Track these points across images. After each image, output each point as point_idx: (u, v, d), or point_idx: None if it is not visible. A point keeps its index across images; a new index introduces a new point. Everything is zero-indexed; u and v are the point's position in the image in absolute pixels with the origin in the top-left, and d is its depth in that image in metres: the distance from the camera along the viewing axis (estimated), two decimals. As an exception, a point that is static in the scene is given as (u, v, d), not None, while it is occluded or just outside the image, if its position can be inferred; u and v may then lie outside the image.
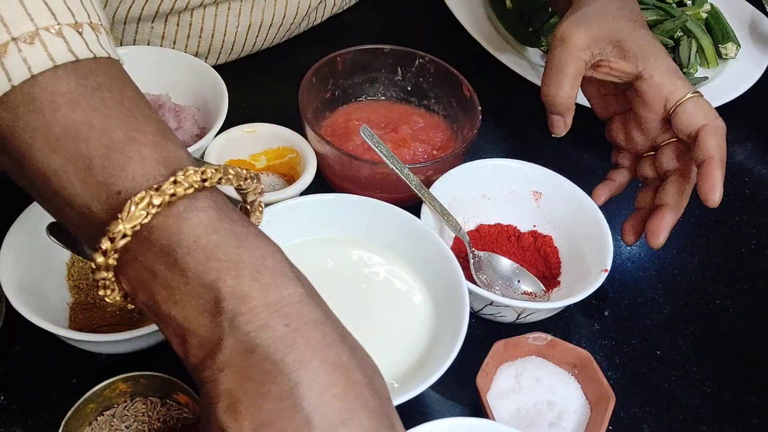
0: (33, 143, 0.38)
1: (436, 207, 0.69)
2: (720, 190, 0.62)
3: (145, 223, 0.37)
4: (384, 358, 0.60)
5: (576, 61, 0.67)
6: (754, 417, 0.67)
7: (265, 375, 0.36)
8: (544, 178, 0.74)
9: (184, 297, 0.37)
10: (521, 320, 0.67)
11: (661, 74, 0.65)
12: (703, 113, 0.64)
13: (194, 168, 0.39)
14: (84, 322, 0.63)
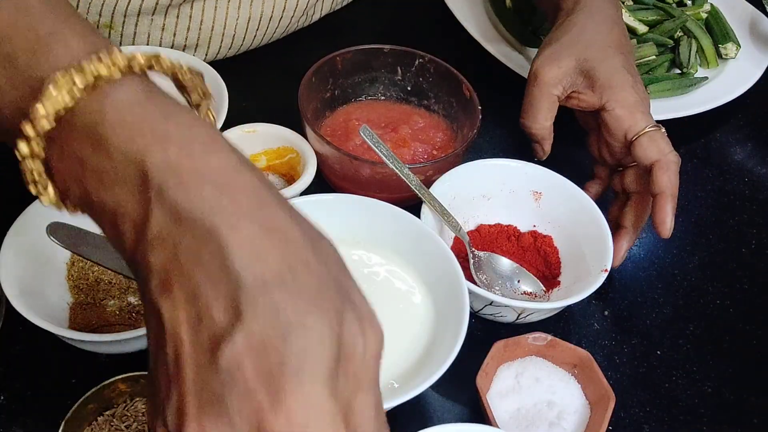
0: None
1: (436, 207, 0.69)
2: (669, 223, 0.66)
3: (68, 107, 0.36)
4: (384, 358, 0.61)
5: (548, 96, 0.72)
6: (754, 417, 0.67)
7: (195, 242, 0.34)
8: (544, 178, 0.74)
9: (112, 179, 0.35)
10: (521, 320, 0.67)
11: (622, 107, 0.69)
12: (657, 148, 0.67)
13: (121, 52, 0.38)
14: (84, 322, 0.63)
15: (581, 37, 0.72)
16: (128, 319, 0.64)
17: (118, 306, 0.65)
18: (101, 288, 0.65)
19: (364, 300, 0.38)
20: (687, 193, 0.86)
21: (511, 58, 0.93)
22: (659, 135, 0.68)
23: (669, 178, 0.67)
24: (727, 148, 0.92)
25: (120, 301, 0.65)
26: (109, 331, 0.62)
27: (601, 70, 0.70)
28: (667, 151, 0.68)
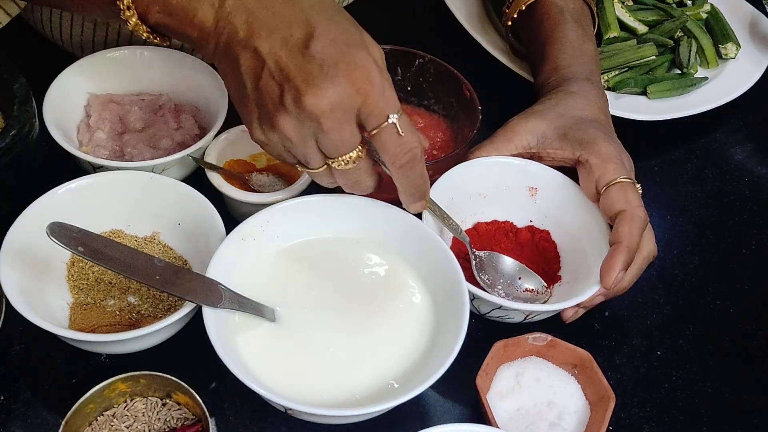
0: None
1: (437, 211, 0.69)
2: (614, 274, 0.63)
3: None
4: (384, 357, 0.61)
5: (512, 139, 0.74)
6: (755, 417, 0.67)
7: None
8: (539, 173, 0.74)
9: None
10: (528, 320, 0.67)
11: (596, 158, 0.68)
12: (625, 199, 0.66)
13: None
14: (84, 322, 0.63)
15: (557, 108, 0.73)
16: (128, 319, 0.64)
17: (118, 306, 0.65)
18: (101, 288, 0.65)
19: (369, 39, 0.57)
20: (687, 193, 0.86)
21: (512, 57, 0.93)
22: (630, 188, 0.67)
23: (630, 230, 0.64)
24: (727, 148, 0.92)
25: (120, 301, 0.65)
26: (110, 331, 0.63)
27: (574, 133, 0.71)
28: (635, 204, 0.66)
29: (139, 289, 0.66)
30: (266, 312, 0.61)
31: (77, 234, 0.53)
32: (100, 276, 0.66)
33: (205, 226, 0.65)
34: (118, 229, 0.69)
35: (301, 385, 0.58)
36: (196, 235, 0.66)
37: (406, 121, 0.55)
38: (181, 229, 0.68)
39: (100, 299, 0.65)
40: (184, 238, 0.68)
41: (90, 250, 0.53)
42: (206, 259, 0.61)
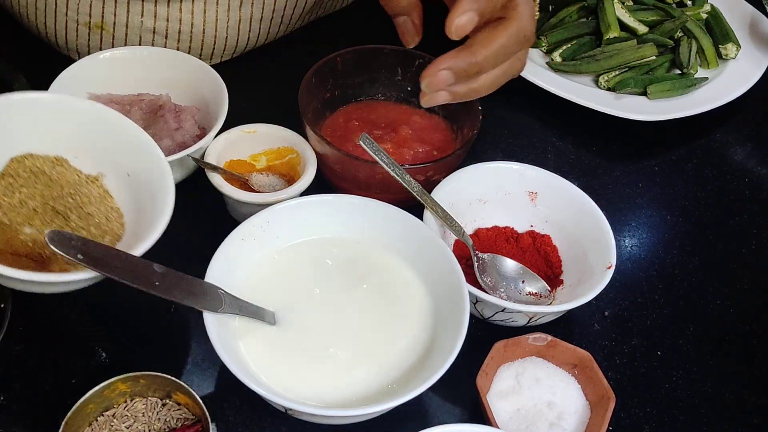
0: None
1: (439, 212, 0.69)
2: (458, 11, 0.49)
3: None
4: (384, 358, 0.61)
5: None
6: (755, 417, 0.67)
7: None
8: (539, 178, 0.74)
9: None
10: (531, 324, 0.67)
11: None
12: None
13: None
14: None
15: None
16: (38, 254, 0.59)
17: (32, 238, 0.59)
18: (23, 212, 0.59)
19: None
20: (687, 194, 0.86)
21: (511, 58, 0.93)
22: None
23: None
24: (727, 149, 0.92)
25: (38, 233, 0.59)
26: (11, 262, 0.56)
27: None
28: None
29: (63, 226, 0.60)
30: (266, 315, 0.61)
31: (76, 242, 0.53)
32: (26, 199, 0.60)
33: (153, 187, 0.60)
34: (64, 157, 0.63)
35: (301, 385, 0.58)
36: (142, 193, 0.62)
37: None
38: (130, 180, 0.63)
39: (18, 223, 0.59)
40: (128, 191, 0.63)
41: (89, 258, 0.53)
42: (141, 220, 0.58)
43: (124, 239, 0.61)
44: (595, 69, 0.94)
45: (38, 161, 0.61)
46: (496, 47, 0.52)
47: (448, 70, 0.50)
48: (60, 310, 0.67)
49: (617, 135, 0.91)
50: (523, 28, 0.52)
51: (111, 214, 0.63)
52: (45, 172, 0.61)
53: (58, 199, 0.60)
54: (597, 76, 0.94)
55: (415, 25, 0.62)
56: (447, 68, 0.50)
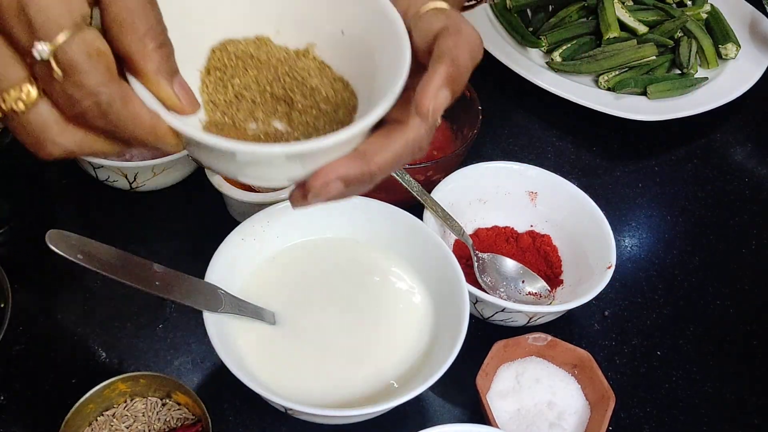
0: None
1: (439, 212, 0.69)
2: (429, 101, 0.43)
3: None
4: (384, 358, 0.61)
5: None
6: (755, 417, 0.67)
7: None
8: (539, 177, 0.74)
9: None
10: (531, 324, 0.67)
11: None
12: (444, 17, 0.46)
13: None
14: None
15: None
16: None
17: (262, 130, 0.51)
18: (243, 107, 0.51)
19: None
20: (687, 194, 0.86)
21: (512, 58, 0.93)
22: (452, 10, 0.48)
23: (455, 43, 0.45)
24: (727, 149, 0.92)
25: (264, 125, 0.51)
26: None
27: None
28: (459, 19, 0.46)
29: (289, 112, 0.51)
30: (266, 315, 0.61)
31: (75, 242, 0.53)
32: (242, 91, 0.52)
33: (375, 38, 0.49)
34: (265, 35, 0.53)
35: (301, 385, 0.58)
36: (362, 51, 0.51)
37: (79, 50, 0.36)
38: (344, 40, 0.52)
39: (240, 120, 0.51)
40: (346, 54, 0.52)
41: (88, 257, 0.52)
42: (371, 81, 0.49)
43: (360, 108, 0.51)
44: (595, 69, 0.94)
45: (240, 45, 0.52)
46: (389, 156, 0.46)
47: (340, 180, 0.45)
48: (60, 310, 0.67)
49: (617, 135, 0.91)
50: (419, 139, 0.47)
51: (336, 84, 0.53)
52: (252, 54, 0.52)
53: (275, 82, 0.52)
54: (597, 76, 0.94)
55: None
56: (339, 178, 0.45)
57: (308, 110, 0.51)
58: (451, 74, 0.43)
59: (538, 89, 0.91)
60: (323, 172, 0.44)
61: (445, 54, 0.44)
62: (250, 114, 0.50)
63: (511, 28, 0.98)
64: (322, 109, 0.51)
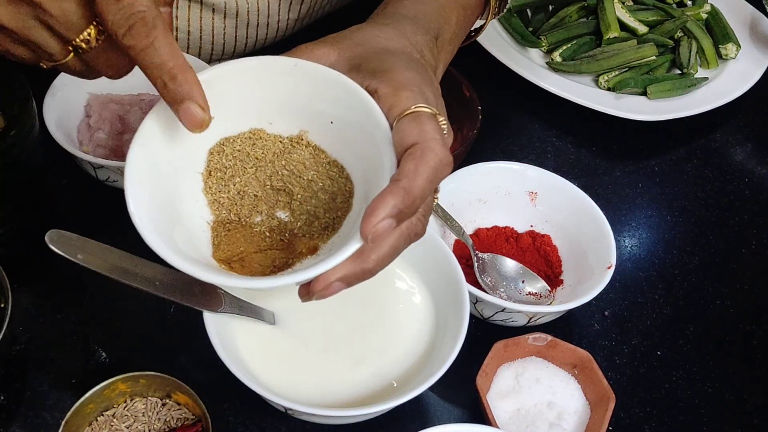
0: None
1: (439, 212, 0.69)
2: (375, 219, 0.44)
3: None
4: (384, 358, 0.61)
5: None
6: (755, 417, 0.67)
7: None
8: (539, 177, 0.74)
9: None
10: (531, 324, 0.67)
11: (387, 86, 0.50)
12: (418, 131, 0.47)
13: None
14: (230, 248, 0.52)
15: (355, 37, 0.56)
16: (280, 242, 0.53)
17: (266, 225, 0.53)
18: (246, 203, 0.54)
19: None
20: (687, 194, 0.86)
21: (512, 58, 0.93)
22: (428, 118, 0.48)
23: (415, 168, 0.45)
24: (727, 149, 0.92)
25: (269, 218, 0.53)
26: (261, 261, 0.52)
27: (372, 60, 0.53)
28: (429, 136, 0.46)
29: (290, 202, 0.54)
30: (266, 315, 0.61)
31: (75, 242, 0.53)
32: (242, 188, 0.54)
33: (366, 125, 0.51)
34: (259, 128, 0.55)
35: (301, 385, 0.58)
36: (351, 135, 0.52)
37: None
38: (334, 127, 0.53)
39: (245, 216, 0.53)
40: (337, 138, 0.54)
41: (88, 257, 0.52)
42: (364, 163, 0.51)
43: (357, 192, 0.53)
44: (595, 69, 0.94)
45: (237, 144, 0.54)
46: (387, 249, 0.48)
47: (340, 281, 0.47)
48: (60, 310, 0.67)
49: (617, 135, 0.91)
50: (413, 226, 0.49)
51: (332, 170, 0.54)
52: (248, 152, 0.54)
53: (274, 176, 0.54)
54: (597, 76, 0.94)
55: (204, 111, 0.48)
56: (339, 279, 0.47)
57: (308, 200, 0.53)
58: (397, 204, 0.44)
59: (538, 89, 0.91)
60: (324, 278, 0.46)
61: (400, 180, 0.45)
62: (253, 208, 0.53)
63: (511, 28, 0.98)
64: (321, 198, 0.53)
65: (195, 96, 0.45)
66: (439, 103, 0.51)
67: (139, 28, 0.43)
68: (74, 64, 0.49)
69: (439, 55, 0.61)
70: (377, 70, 0.52)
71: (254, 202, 0.54)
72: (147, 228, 0.47)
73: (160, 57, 0.44)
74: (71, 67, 0.49)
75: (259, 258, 0.51)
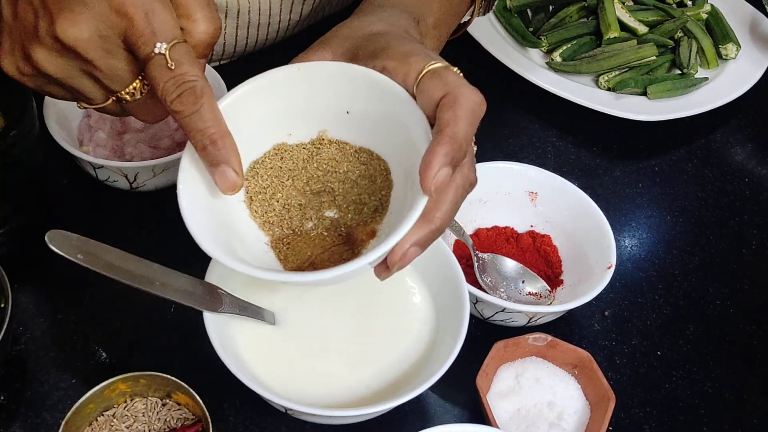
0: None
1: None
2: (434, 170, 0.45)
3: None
4: (384, 358, 0.61)
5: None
6: (755, 417, 0.67)
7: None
8: (539, 178, 0.74)
9: None
10: (531, 323, 0.67)
11: (393, 60, 0.51)
12: (443, 83, 0.48)
13: None
14: (297, 256, 0.53)
15: (341, 32, 0.57)
16: (338, 237, 0.54)
17: (320, 227, 0.54)
18: (293, 214, 0.55)
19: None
20: (687, 194, 0.86)
21: (512, 58, 0.93)
22: (446, 70, 0.49)
23: (455, 115, 0.47)
24: (727, 149, 0.92)
25: (319, 221, 0.55)
26: (329, 257, 0.53)
27: (365, 46, 0.54)
28: (456, 84, 0.48)
29: (334, 199, 0.55)
30: (266, 315, 0.61)
31: (75, 242, 0.53)
32: (286, 202, 0.55)
33: (382, 103, 0.51)
34: (281, 142, 0.56)
35: (301, 385, 0.58)
36: (374, 118, 0.53)
37: (183, 52, 0.46)
38: (351, 117, 0.54)
39: (297, 226, 0.54)
40: (354, 128, 0.55)
41: (88, 257, 0.52)
42: (397, 148, 0.51)
43: (392, 167, 0.54)
44: (595, 69, 0.94)
45: (266, 163, 0.55)
46: (449, 204, 0.49)
47: (415, 246, 0.48)
48: (60, 311, 0.67)
49: (617, 135, 0.91)
50: (465, 177, 0.50)
51: (361, 156, 0.55)
52: (279, 167, 0.55)
53: (311, 181, 0.55)
54: (597, 76, 0.94)
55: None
56: (413, 245, 0.48)
57: (349, 191, 0.54)
58: (448, 152, 0.46)
59: (539, 89, 0.91)
60: (399, 247, 0.48)
61: (443, 130, 0.46)
62: (302, 217, 0.55)
63: (511, 28, 0.98)
64: (361, 185, 0.54)
65: (231, 161, 0.48)
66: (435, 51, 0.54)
67: (188, 96, 0.46)
68: (112, 108, 0.51)
69: (425, 39, 0.62)
70: (376, 51, 0.53)
71: (301, 211, 0.55)
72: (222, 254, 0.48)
73: (204, 123, 0.47)
74: (108, 110, 0.52)
75: (327, 256, 0.53)
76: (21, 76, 0.50)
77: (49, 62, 0.47)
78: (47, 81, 0.50)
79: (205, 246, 0.47)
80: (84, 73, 0.48)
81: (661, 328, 0.73)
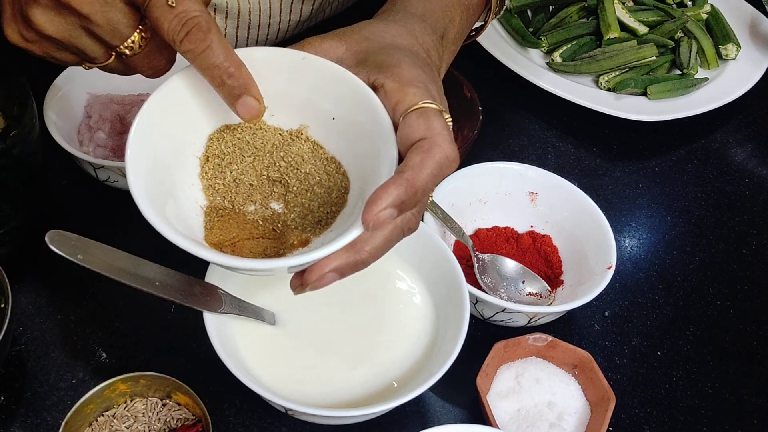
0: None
1: (439, 213, 0.69)
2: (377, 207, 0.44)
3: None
4: (384, 358, 0.61)
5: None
6: (755, 417, 0.67)
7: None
8: (539, 178, 0.75)
9: None
10: (532, 324, 0.67)
11: (394, 82, 0.51)
12: (425, 126, 0.47)
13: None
14: (222, 233, 0.52)
15: (363, 32, 0.57)
16: (272, 231, 0.53)
17: (260, 215, 0.53)
18: (240, 191, 0.54)
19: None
20: (687, 194, 0.86)
21: (512, 58, 0.93)
22: (434, 114, 0.48)
23: (421, 162, 0.46)
24: (727, 149, 0.92)
25: (262, 208, 0.53)
26: (252, 248, 0.52)
27: (378, 54, 0.54)
28: (437, 131, 0.47)
29: (285, 194, 0.54)
30: (266, 316, 0.61)
31: (75, 242, 0.53)
32: (239, 176, 0.54)
33: (368, 124, 0.51)
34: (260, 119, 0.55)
35: (301, 385, 0.58)
36: (352, 134, 0.53)
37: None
38: (336, 124, 0.54)
39: (239, 204, 0.54)
40: (337, 136, 0.54)
41: (88, 258, 0.52)
42: (363, 163, 0.51)
43: (352, 189, 0.53)
44: (595, 69, 0.94)
45: (237, 133, 0.54)
46: (381, 241, 0.48)
47: (334, 271, 0.47)
48: (60, 310, 0.67)
49: (617, 135, 0.91)
50: (408, 221, 0.49)
51: (329, 166, 0.55)
52: (247, 141, 0.55)
53: (271, 167, 0.54)
54: (597, 76, 0.94)
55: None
56: (333, 269, 0.47)
57: (303, 193, 0.54)
58: (400, 195, 0.44)
59: (538, 89, 0.91)
60: (318, 267, 0.47)
61: (405, 172, 0.45)
62: (248, 197, 0.54)
63: (511, 29, 0.98)
64: (316, 192, 0.54)
65: (251, 90, 0.48)
66: (443, 102, 0.52)
67: (196, 33, 0.46)
68: (115, 65, 0.51)
69: (444, 55, 0.61)
70: (384, 65, 0.52)
71: (249, 190, 0.54)
72: (144, 200, 0.48)
73: (217, 58, 0.47)
74: (111, 68, 0.52)
75: (251, 245, 0.52)
76: (26, 43, 0.51)
77: (48, 22, 0.48)
78: (51, 45, 0.50)
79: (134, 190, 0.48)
80: (83, 30, 0.49)
81: (661, 328, 0.73)
